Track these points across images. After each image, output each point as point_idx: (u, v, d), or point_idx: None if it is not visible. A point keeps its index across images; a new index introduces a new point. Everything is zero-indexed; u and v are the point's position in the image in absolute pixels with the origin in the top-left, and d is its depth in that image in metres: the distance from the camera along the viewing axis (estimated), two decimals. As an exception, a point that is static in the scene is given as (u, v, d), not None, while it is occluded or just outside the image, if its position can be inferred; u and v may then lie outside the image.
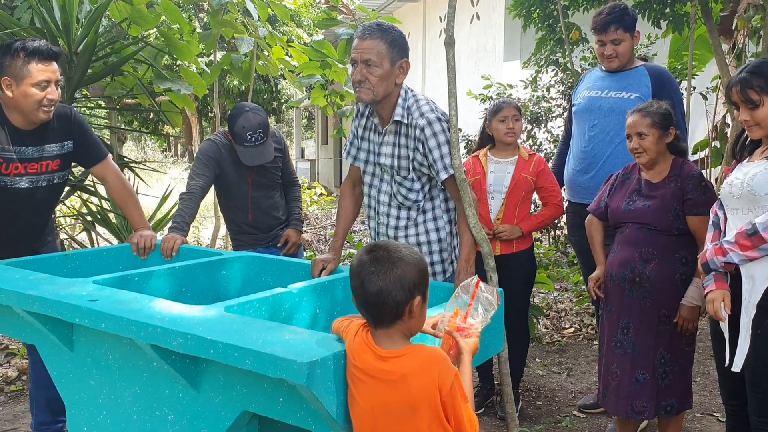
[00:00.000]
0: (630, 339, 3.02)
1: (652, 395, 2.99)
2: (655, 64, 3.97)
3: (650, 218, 2.98)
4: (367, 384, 1.71)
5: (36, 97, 2.90)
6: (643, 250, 2.98)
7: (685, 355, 3.03)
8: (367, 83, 2.60)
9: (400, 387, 1.68)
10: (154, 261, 3.08)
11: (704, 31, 5.58)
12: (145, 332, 1.89)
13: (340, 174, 19.51)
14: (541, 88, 7.70)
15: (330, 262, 2.72)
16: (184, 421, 2.01)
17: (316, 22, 6.20)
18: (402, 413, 1.69)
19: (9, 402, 4.05)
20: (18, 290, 2.25)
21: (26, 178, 3.05)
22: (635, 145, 3.00)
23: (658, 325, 2.98)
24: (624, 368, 3.03)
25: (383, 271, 1.70)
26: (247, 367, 1.68)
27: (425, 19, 13.57)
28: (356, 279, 1.74)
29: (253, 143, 3.48)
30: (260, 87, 18.50)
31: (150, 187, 6.35)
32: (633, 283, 3.00)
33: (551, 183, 3.74)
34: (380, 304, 1.71)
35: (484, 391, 4.00)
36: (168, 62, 8.11)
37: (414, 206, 2.76)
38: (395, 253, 1.73)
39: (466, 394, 1.74)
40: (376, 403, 1.70)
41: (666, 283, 2.95)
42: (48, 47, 2.93)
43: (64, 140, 3.13)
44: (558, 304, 6.09)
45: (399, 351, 1.72)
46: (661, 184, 3.01)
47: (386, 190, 2.81)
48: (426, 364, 1.69)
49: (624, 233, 3.08)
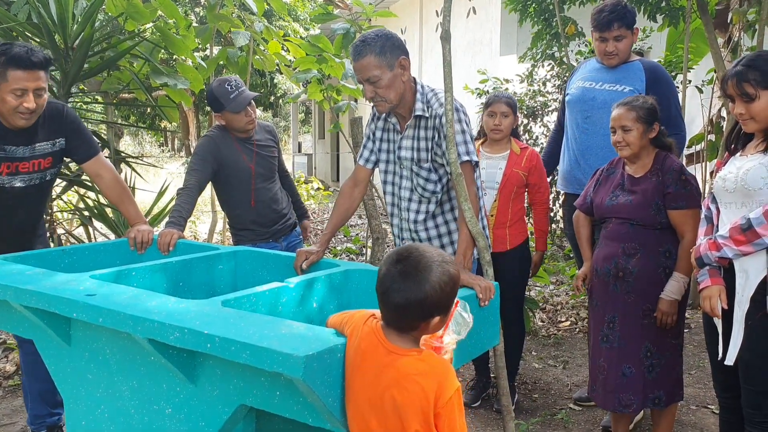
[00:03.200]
0: (616, 333, 3.04)
1: (638, 388, 3.01)
2: (650, 60, 3.98)
3: (632, 213, 2.99)
4: (367, 376, 1.72)
5: (11, 105, 2.86)
6: (626, 245, 3.00)
7: (671, 347, 3.05)
8: (378, 97, 2.68)
9: (396, 386, 1.69)
10: (151, 255, 3.08)
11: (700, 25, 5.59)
12: (143, 327, 1.89)
13: (338, 168, 19.50)
14: (537, 83, 7.71)
15: (314, 254, 2.75)
16: (182, 415, 2.03)
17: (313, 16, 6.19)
18: (392, 411, 1.70)
19: (7, 396, 4.06)
20: (15, 285, 2.25)
21: (19, 178, 3.04)
22: (619, 139, 3.01)
23: (643, 318, 3.00)
24: (610, 362, 3.06)
25: (406, 289, 1.69)
26: (244, 361, 1.69)
27: (422, 13, 13.55)
28: (381, 286, 1.75)
29: (236, 89, 3.54)
30: (256, 81, 18.47)
31: (147, 182, 6.35)
32: (617, 277, 3.02)
33: (541, 179, 3.78)
34: (399, 317, 1.73)
35: (480, 384, 4.02)
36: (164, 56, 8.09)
37: (433, 198, 2.82)
38: (424, 273, 1.69)
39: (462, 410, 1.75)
40: (373, 395, 1.72)
41: (649, 277, 2.97)
42: (29, 55, 2.83)
43: (56, 138, 3.12)
44: (554, 298, 6.12)
45: (406, 350, 1.73)
46: (643, 178, 3.03)
47: (406, 185, 2.87)
48: (428, 372, 1.70)
49: (607, 228, 3.10)
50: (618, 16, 3.55)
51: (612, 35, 3.59)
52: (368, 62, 2.61)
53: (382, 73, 2.62)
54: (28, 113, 2.90)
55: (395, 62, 2.64)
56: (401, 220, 2.94)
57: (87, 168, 3.29)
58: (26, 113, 2.89)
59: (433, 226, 2.86)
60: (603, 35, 3.62)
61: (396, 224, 2.99)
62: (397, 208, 2.95)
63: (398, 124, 2.85)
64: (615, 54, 3.62)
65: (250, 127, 3.62)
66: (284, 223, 3.81)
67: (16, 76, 2.82)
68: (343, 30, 5.08)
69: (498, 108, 3.71)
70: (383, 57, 2.61)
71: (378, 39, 2.62)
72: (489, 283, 2.35)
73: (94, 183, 3.72)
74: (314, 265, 2.75)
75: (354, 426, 1.77)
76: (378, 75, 2.62)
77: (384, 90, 2.65)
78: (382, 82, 2.63)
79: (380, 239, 5.28)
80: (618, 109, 3.04)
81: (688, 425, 3.66)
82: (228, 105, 3.51)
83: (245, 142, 3.66)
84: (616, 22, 3.55)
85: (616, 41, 3.59)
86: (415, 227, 2.87)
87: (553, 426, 3.68)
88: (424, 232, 2.85)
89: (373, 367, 1.73)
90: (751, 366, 2.47)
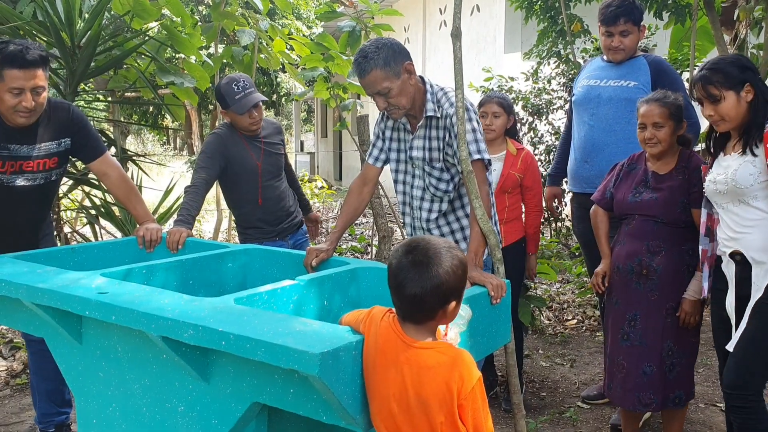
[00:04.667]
0: (637, 331, 3.02)
1: (659, 387, 3.00)
2: (653, 54, 3.97)
3: (657, 210, 2.97)
4: (388, 371, 1.73)
5: (9, 103, 2.84)
6: (650, 243, 2.98)
7: (691, 346, 3.05)
8: (392, 107, 2.69)
9: (418, 379, 1.71)
10: (160, 254, 3.09)
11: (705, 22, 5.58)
12: (156, 324, 1.89)
13: (340, 167, 19.50)
14: (542, 80, 7.68)
15: (323, 252, 2.76)
16: (194, 413, 2.02)
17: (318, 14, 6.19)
18: (416, 405, 1.71)
19: (15, 395, 4.06)
20: (27, 283, 2.25)
21: (23, 177, 3.03)
22: (650, 136, 2.97)
23: (666, 317, 2.98)
24: (631, 360, 3.03)
25: (420, 278, 1.71)
26: (259, 358, 1.69)
27: (425, 12, 13.54)
28: (394, 279, 1.76)
29: (243, 91, 3.52)
30: (260, 80, 18.48)
31: (153, 181, 6.35)
32: (640, 275, 2.99)
33: (535, 183, 3.77)
34: (416, 307, 1.74)
35: (487, 382, 4.01)
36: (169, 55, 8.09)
37: (445, 197, 2.82)
38: (435, 260, 1.73)
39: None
40: (396, 391, 1.72)
41: (673, 275, 2.96)
42: (24, 54, 2.80)
43: (61, 138, 3.10)
44: (560, 296, 6.11)
45: (426, 343, 1.75)
46: (668, 175, 3.00)
47: (419, 185, 2.86)
48: (449, 363, 1.72)
49: (630, 225, 3.06)
50: (625, 11, 3.55)
51: (618, 30, 3.57)
52: (375, 77, 2.60)
53: (391, 84, 2.61)
54: (27, 112, 2.88)
55: (401, 69, 2.63)
56: (413, 218, 2.94)
57: (94, 167, 3.28)
58: (25, 112, 2.87)
59: (445, 223, 2.86)
60: (609, 29, 3.61)
61: (408, 223, 2.99)
62: (409, 207, 2.95)
63: (409, 124, 2.85)
64: (621, 49, 3.61)
65: (254, 128, 3.62)
66: (291, 222, 3.80)
67: (12, 75, 2.80)
68: (349, 28, 5.08)
69: (489, 108, 3.70)
70: (388, 68, 2.59)
71: (380, 51, 2.59)
72: (501, 281, 2.35)
73: (101, 182, 3.71)
74: (324, 263, 2.75)
75: (379, 422, 1.77)
76: (387, 86, 2.61)
77: (396, 99, 2.65)
78: (392, 92, 2.63)
79: (386, 237, 5.28)
80: (648, 105, 2.98)
81: (696, 423, 3.66)
82: (232, 105, 3.52)
83: (253, 139, 3.65)
84: (623, 16, 3.54)
85: (622, 36, 3.58)
86: (428, 225, 2.87)
87: (561, 424, 3.68)
88: (436, 230, 2.85)
89: (394, 363, 1.73)
90: (756, 341, 2.51)
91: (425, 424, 1.71)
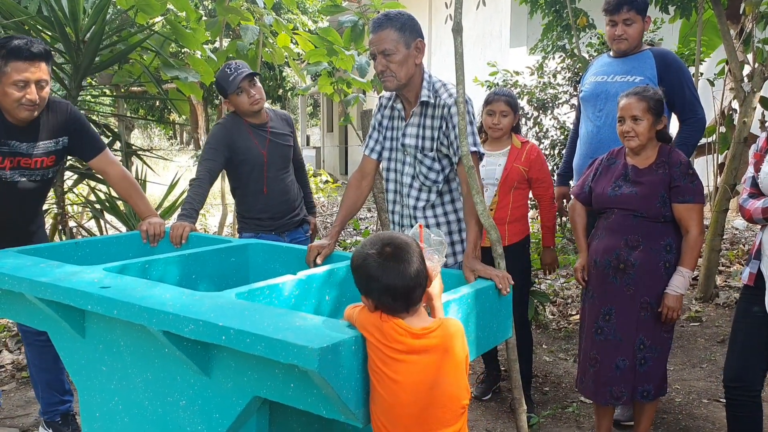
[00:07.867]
0: (612, 326, 3.02)
1: (629, 381, 3.00)
2: (660, 47, 3.95)
3: (637, 205, 2.95)
4: (408, 362, 1.79)
5: (13, 97, 2.85)
6: (628, 237, 2.97)
7: (663, 341, 3.03)
8: (388, 72, 2.70)
9: (446, 350, 1.84)
10: (163, 248, 3.10)
11: (712, 16, 5.56)
12: (157, 319, 1.90)
13: (346, 161, 19.50)
14: (547, 75, 7.66)
15: (326, 248, 2.78)
16: (196, 407, 2.04)
17: (322, 9, 6.18)
18: (453, 371, 1.85)
19: (21, 388, 4.09)
20: (30, 277, 2.26)
21: (21, 173, 3.05)
22: (628, 129, 2.96)
23: (640, 311, 2.97)
24: (605, 354, 3.03)
25: (404, 267, 1.82)
26: (259, 353, 1.69)
27: (431, 5, 13.51)
28: (381, 284, 1.82)
29: (235, 71, 3.52)
30: (265, 74, 18.47)
31: (158, 176, 6.37)
32: (617, 269, 2.98)
33: (544, 173, 3.72)
34: (410, 297, 1.84)
35: (490, 378, 4.02)
36: (173, 50, 8.10)
37: (434, 187, 2.82)
38: (404, 247, 1.85)
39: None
40: (427, 373, 1.80)
41: (650, 270, 2.95)
42: (29, 46, 2.83)
43: (59, 136, 3.12)
44: (564, 291, 6.10)
45: (432, 326, 1.85)
46: (648, 170, 2.98)
47: (409, 172, 2.87)
48: (458, 330, 1.89)
49: (609, 219, 3.05)
50: (628, 0, 3.54)
51: (621, 18, 3.56)
52: (387, 34, 2.66)
53: (397, 48, 2.66)
54: (32, 105, 2.89)
55: (412, 42, 2.70)
56: (402, 206, 2.94)
57: (94, 165, 3.29)
58: (29, 105, 2.88)
59: (432, 215, 2.87)
60: (613, 18, 3.60)
61: (397, 211, 2.98)
62: (399, 195, 2.94)
63: (404, 111, 2.86)
64: (624, 38, 3.59)
65: (257, 107, 3.58)
66: (292, 218, 3.78)
67: (17, 67, 2.82)
68: (352, 22, 5.07)
69: (497, 107, 3.67)
70: (402, 33, 2.66)
71: (401, 16, 2.69)
72: (505, 273, 2.38)
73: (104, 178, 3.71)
74: (326, 258, 2.75)
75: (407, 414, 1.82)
76: (393, 49, 2.66)
77: (396, 66, 2.68)
78: (395, 57, 2.67)
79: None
80: (628, 98, 2.97)
81: (699, 418, 3.66)
82: (229, 88, 3.52)
83: (258, 128, 3.64)
84: (626, 5, 3.54)
85: (625, 25, 3.57)
86: (415, 213, 2.87)
87: (564, 419, 3.68)
88: (423, 221, 2.85)
89: (414, 355, 1.80)
90: None
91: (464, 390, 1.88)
